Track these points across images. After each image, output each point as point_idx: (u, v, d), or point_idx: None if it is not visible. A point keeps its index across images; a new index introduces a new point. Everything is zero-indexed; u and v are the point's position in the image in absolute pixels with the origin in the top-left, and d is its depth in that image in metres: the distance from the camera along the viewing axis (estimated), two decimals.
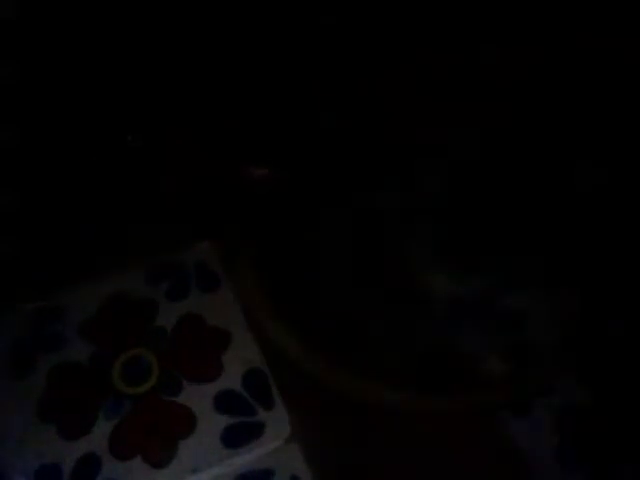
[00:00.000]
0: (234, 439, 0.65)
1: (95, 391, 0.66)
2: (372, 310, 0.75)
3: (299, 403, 0.68)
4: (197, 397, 0.67)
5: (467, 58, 0.79)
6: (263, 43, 0.83)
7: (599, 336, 0.73)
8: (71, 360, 0.68)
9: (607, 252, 0.76)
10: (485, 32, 0.79)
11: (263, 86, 0.84)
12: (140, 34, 0.81)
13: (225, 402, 0.67)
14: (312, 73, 0.84)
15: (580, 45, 0.74)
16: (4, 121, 0.78)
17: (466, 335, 0.74)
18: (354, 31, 0.82)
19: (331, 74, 0.84)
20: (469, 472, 0.66)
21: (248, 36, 0.83)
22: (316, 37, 0.83)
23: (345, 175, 0.82)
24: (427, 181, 0.82)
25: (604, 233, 0.77)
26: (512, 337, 0.74)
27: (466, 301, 0.76)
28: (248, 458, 0.64)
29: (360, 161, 0.82)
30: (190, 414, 0.66)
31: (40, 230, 0.77)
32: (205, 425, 0.65)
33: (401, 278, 0.78)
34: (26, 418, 0.64)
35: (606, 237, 0.77)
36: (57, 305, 0.72)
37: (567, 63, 0.76)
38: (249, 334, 0.71)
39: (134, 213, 0.79)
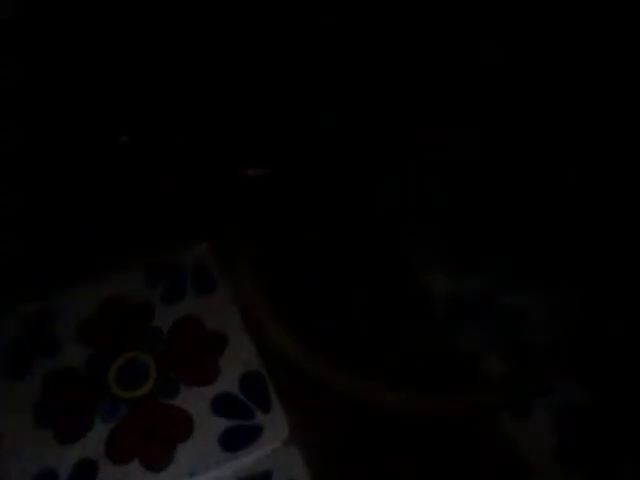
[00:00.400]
0: (232, 442, 0.65)
1: (91, 395, 0.66)
2: (372, 310, 0.75)
3: (298, 404, 0.68)
4: (194, 400, 0.67)
5: (467, 58, 0.78)
6: (263, 43, 0.83)
7: (599, 336, 0.73)
8: (67, 363, 0.68)
9: (607, 252, 0.76)
10: (485, 32, 0.78)
11: (263, 86, 0.84)
12: (140, 33, 0.81)
13: (223, 405, 0.67)
14: (312, 73, 0.84)
15: (580, 45, 0.74)
16: (4, 121, 0.78)
17: (466, 335, 0.74)
18: (354, 31, 0.82)
19: (331, 74, 0.83)
20: (469, 472, 0.67)
21: (248, 36, 0.83)
22: (316, 37, 0.83)
23: (345, 175, 0.82)
24: (427, 181, 0.81)
25: (604, 233, 0.77)
26: (512, 337, 0.74)
27: (466, 301, 0.76)
28: (246, 461, 0.64)
29: (360, 161, 0.82)
30: (187, 417, 0.66)
31: (40, 230, 0.77)
32: (203, 428, 0.65)
33: (401, 278, 0.78)
34: (23, 422, 0.64)
35: (606, 237, 0.77)
36: (53, 307, 0.72)
37: (567, 63, 0.75)
38: (246, 336, 0.71)
39: (132, 214, 0.79)
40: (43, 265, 0.74)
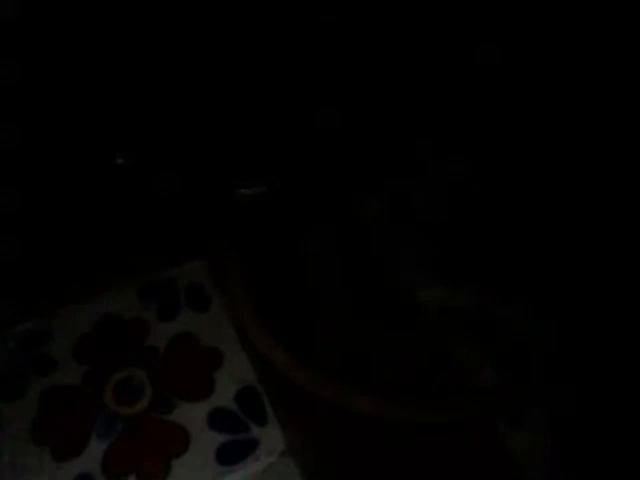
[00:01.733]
0: (228, 456, 0.65)
1: (88, 412, 0.66)
2: (364, 324, 0.76)
3: (294, 418, 0.68)
4: (190, 415, 0.67)
5: None
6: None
7: (593, 343, 0.73)
8: (63, 381, 0.68)
9: (605, 260, 0.76)
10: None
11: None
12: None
13: (219, 419, 0.67)
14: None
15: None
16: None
17: (460, 347, 0.75)
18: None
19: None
20: None
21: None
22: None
23: (338, 183, 0.82)
24: (417, 195, 0.82)
25: (601, 240, 0.77)
26: (503, 348, 0.74)
27: (456, 314, 0.76)
28: (243, 474, 0.64)
29: (353, 168, 0.82)
30: (183, 432, 0.66)
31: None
32: (199, 443, 0.65)
33: (392, 292, 0.78)
34: (19, 439, 0.64)
35: (604, 243, 0.77)
36: (48, 326, 0.72)
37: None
38: (241, 352, 0.71)
39: (126, 231, 0.79)
40: (38, 284, 0.75)
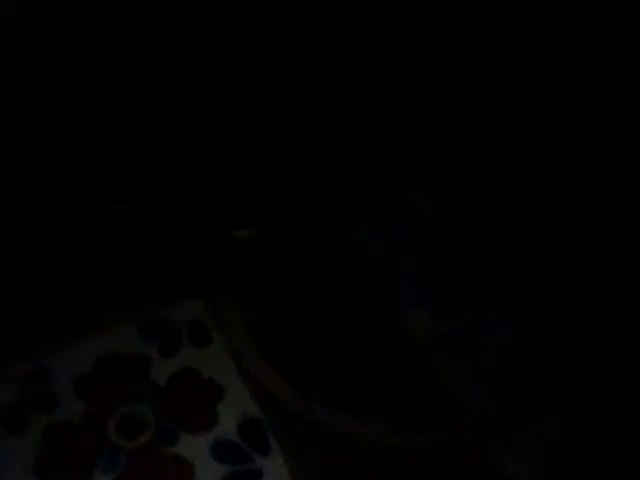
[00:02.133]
0: None
1: (91, 447, 0.66)
2: (362, 351, 0.76)
3: (297, 448, 0.68)
4: (194, 448, 0.67)
5: None
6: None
7: (583, 365, 0.74)
8: (66, 418, 0.68)
9: (600, 274, 0.77)
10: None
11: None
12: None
13: (222, 451, 0.67)
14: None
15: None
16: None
17: (452, 371, 0.75)
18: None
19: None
20: None
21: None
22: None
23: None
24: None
25: (596, 254, 0.77)
26: (496, 371, 0.74)
27: (450, 337, 0.77)
28: None
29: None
30: (187, 465, 0.66)
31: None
32: (203, 475, 0.66)
33: (386, 316, 0.79)
34: (23, 478, 0.65)
35: (600, 258, 0.77)
36: (50, 364, 0.72)
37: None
38: (243, 384, 0.72)
39: (128, 269, 0.80)
40: (38, 321, 0.75)
